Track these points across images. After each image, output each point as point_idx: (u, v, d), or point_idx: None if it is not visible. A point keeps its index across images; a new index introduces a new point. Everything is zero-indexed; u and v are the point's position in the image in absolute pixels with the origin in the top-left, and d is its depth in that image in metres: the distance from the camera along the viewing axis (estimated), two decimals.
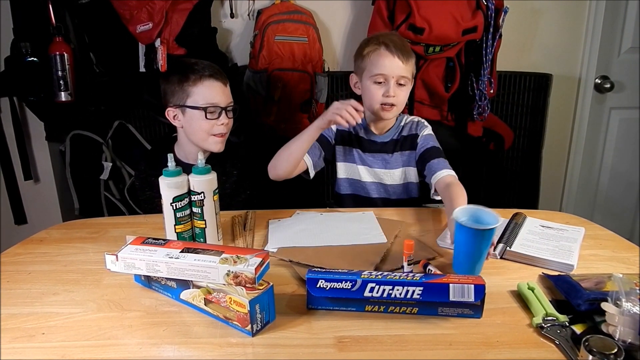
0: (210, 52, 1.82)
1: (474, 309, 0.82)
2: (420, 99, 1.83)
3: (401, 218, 1.23)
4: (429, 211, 1.32)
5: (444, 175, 1.28)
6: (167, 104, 1.36)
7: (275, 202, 1.39)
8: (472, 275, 0.85)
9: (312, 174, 1.36)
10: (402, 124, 1.43)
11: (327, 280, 0.84)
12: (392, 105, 1.32)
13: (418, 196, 1.46)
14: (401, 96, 1.33)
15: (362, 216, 1.23)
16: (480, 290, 0.81)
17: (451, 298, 0.81)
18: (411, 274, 0.85)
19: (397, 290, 0.82)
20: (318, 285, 0.84)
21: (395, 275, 0.83)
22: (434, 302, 0.82)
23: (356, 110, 1.18)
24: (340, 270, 0.86)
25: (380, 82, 1.32)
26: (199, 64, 1.34)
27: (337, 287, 0.83)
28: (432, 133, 1.41)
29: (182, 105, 1.32)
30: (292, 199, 1.50)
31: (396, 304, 0.83)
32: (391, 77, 1.30)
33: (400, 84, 1.32)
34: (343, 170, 1.45)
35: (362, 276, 0.83)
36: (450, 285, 0.81)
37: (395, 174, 1.42)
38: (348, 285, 0.83)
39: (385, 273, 0.84)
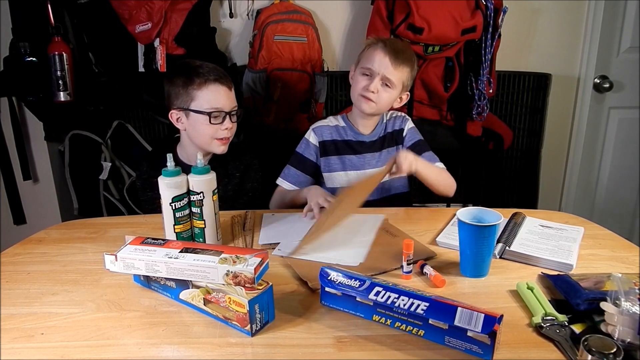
0: (209, 52, 1.82)
1: (484, 348, 0.72)
2: (420, 99, 1.83)
3: (399, 218, 1.22)
4: (427, 211, 1.32)
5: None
6: (170, 106, 1.34)
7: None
8: (489, 310, 0.74)
9: None
10: (385, 120, 1.47)
11: (337, 273, 0.85)
12: (371, 100, 1.34)
13: (408, 190, 1.49)
14: (383, 96, 1.35)
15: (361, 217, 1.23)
16: (490, 322, 0.71)
17: (456, 322, 0.73)
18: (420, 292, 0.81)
19: (402, 300, 0.78)
20: (329, 278, 0.85)
21: (406, 287, 0.81)
22: (440, 328, 0.75)
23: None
24: (351, 271, 0.87)
25: (366, 75, 1.35)
26: (204, 67, 1.31)
27: (346, 282, 0.83)
28: (414, 125, 1.47)
29: (186, 109, 1.31)
30: None
31: (402, 320, 0.78)
32: (377, 73, 1.32)
33: (386, 85, 1.34)
34: (332, 180, 1.45)
35: (373, 279, 0.83)
36: (459, 308, 0.74)
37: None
38: (357, 283, 0.82)
39: (395, 283, 0.82)
